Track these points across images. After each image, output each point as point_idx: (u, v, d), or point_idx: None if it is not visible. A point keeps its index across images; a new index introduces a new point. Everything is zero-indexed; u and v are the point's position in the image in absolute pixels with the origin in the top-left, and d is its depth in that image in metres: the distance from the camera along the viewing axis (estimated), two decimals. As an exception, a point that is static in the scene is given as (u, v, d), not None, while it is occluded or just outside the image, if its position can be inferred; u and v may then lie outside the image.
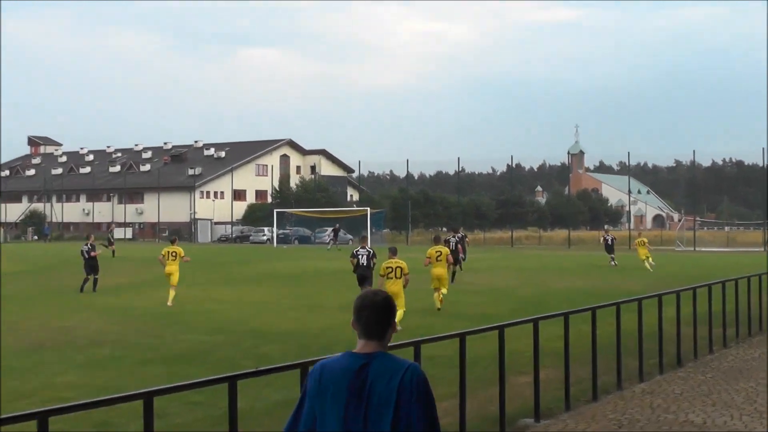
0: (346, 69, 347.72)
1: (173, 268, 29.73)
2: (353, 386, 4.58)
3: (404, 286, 22.80)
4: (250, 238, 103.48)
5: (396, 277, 22.60)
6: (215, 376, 8.31)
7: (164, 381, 14.40)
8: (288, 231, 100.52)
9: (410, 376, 4.58)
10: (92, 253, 34.58)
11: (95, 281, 34.34)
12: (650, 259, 47.61)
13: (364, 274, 25.80)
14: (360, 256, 26.16)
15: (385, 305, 4.71)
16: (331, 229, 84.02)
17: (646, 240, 50.86)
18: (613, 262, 50.95)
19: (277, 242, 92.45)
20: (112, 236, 65.36)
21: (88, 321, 24.17)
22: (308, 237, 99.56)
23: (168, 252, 30.25)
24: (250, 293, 32.49)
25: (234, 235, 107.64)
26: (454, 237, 39.82)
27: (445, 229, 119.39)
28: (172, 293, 28.93)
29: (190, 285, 35.63)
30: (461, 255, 40.59)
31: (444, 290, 27.30)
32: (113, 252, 59.06)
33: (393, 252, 23.71)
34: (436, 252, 27.60)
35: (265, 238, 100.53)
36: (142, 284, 36.77)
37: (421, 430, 4.51)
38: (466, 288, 33.51)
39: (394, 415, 4.53)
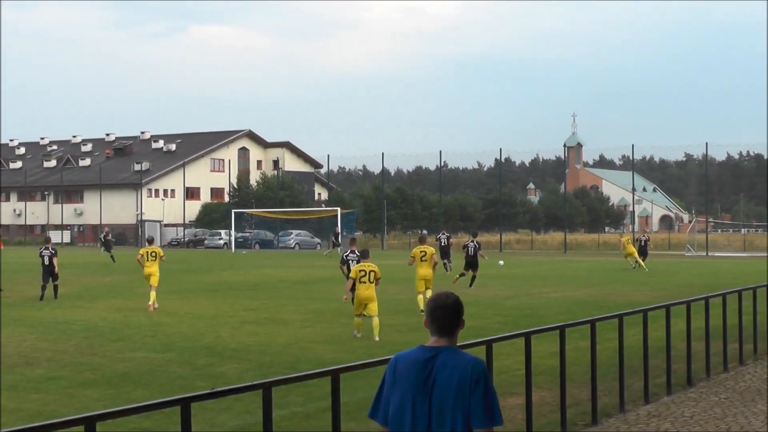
0: (312, 49, 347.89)
1: (153, 269, 31.81)
2: (421, 376, 5.77)
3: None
4: (205, 242, 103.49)
5: (369, 281, 23.23)
6: (166, 399, 8.30)
7: (107, 405, 14.37)
8: (248, 234, 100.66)
9: (472, 368, 5.70)
10: (54, 259, 35.46)
11: (56, 288, 35.37)
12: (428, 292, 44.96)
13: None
14: (351, 261, 26.39)
15: (456, 306, 5.97)
16: (332, 234, 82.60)
17: (430, 250, 49.10)
18: (639, 265, 53.82)
19: (236, 247, 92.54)
20: (111, 240, 68.15)
21: (18, 337, 24.03)
22: (270, 241, 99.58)
23: (147, 252, 32.38)
24: (204, 305, 32.41)
25: (187, 239, 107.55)
26: (472, 242, 41.67)
27: (425, 231, 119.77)
28: (153, 295, 30.80)
29: (136, 296, 35.55)
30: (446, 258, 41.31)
31: (430, 292, 28.01)
32: (112, 257, 61.69)
33: (365, 255, 24.34)
34: (421, 252, 29.45)
35: (221, 242, 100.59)
36: (82, 295, 36.62)
37: (477, 417, 5.62)
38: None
39: (456, 404, 5.65)
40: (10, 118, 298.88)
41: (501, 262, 56.13)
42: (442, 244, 49.58)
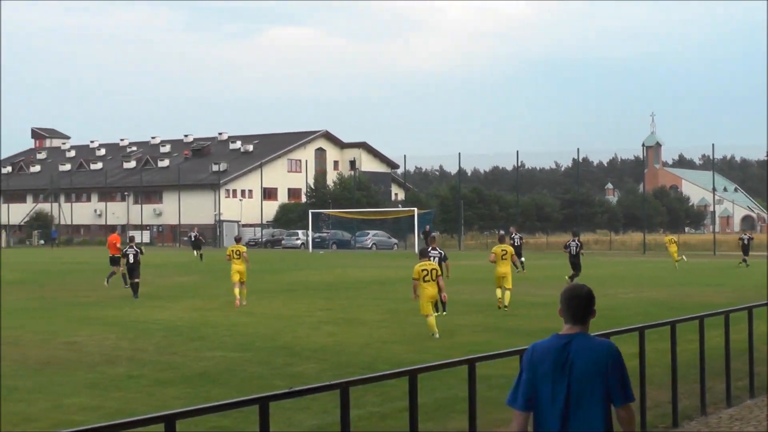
0: (389, 49, 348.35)
1: (241, 266, 33.44)
2: (559, 360, 6.29)
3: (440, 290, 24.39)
4: (282, 242, 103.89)
5: (432, 279, 23.71)
6: (244, 398, 8.34)
7: (186, 403, 14.48)
8: (325, 234, 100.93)
9: (608, 351, 6.30)
10: (138, 257, 36.89)
11: (135, 287, 36.30)
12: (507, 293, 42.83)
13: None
14: (432, 258, 26.38)
15: (589, 297, 6.47)
16: (422, 232, 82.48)
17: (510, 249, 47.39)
18: (745, 263, 56.02)
19: (313, 247, 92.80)
20: (201, 240, 72.01)
21: (99, 336, 24.31)
22: (347, 241, 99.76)
23: (233, 251, 34.30)
24: (281, 305, 32.57)
25: (264, 239, 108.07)
26: (574, 241, 43.97)
27: (502, 231, 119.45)
28: (244, 291, 32.88)
29: (214, 296, 35.84)
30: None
31: (509, 287, 30.39)
32: (201, 256, 65.46)
33: (425, 254, 25.05)
34: (502, 250, 31.26)
35: (299, 242, 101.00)
36: (161, 295, 36.97)
37: (617, 396, 6.26)
38: (525, 299, 33.39)
39: (595, 385, 6.22)
40: (91, 120, 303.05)
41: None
42: (515, 243, 50.45)
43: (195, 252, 72.00)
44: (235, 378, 17.65)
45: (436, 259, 26.88)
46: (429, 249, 27.22)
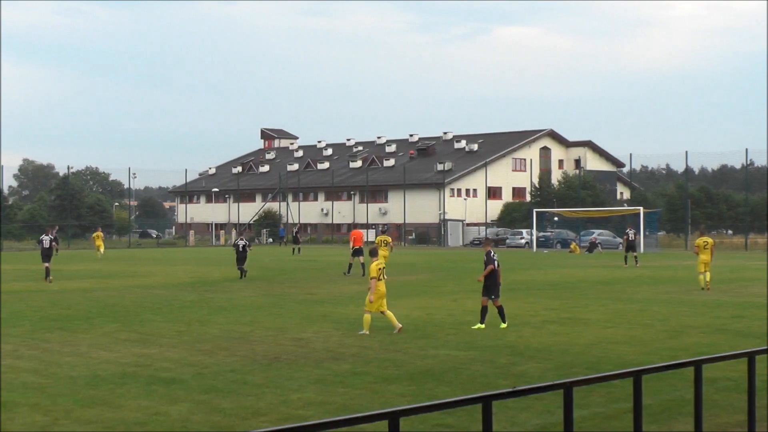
0: (615, 48, 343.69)
1: (386, 252, 41.25)
2: None
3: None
4: (507, 241, 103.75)
5: (384, 277, 24.88)
6: (467, 396, 8.36)
7: (410, 400, 14.66)
8: (549, 233, 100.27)
9: None
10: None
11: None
12: (707, 274, 38.59)
13: None
14: (494, 263, 26.25)
15: None
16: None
17: (710, 241, 39.79)
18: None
19: (537, 246, 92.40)
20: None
21: (325, 333, 24.79)
22: (572, 240, 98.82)
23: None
24: (506, 304, 32.47)
25: (489, 238, 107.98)
26: (631, 230, 58.34)
27: (730, 231, 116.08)
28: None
29: (440, 294, 36.08)
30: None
31: (708, 274, 37.96)
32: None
33: (376, 253, 25.98)
34: (704, 242, 38.81)
35: (523, 241, 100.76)
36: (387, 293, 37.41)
37: None
38: (753, 301, 32.46)
39: None
40: (319, 121, 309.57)
41: None
42: (630, 239, 57.57)
43: (294, 249, 76.23)
44: (459, 377, 17.72)
45: (493, 263, 26.23)
46: (490, 252, 26.53)
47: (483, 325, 25.24)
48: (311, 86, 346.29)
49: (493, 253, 26.59)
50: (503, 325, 25.42)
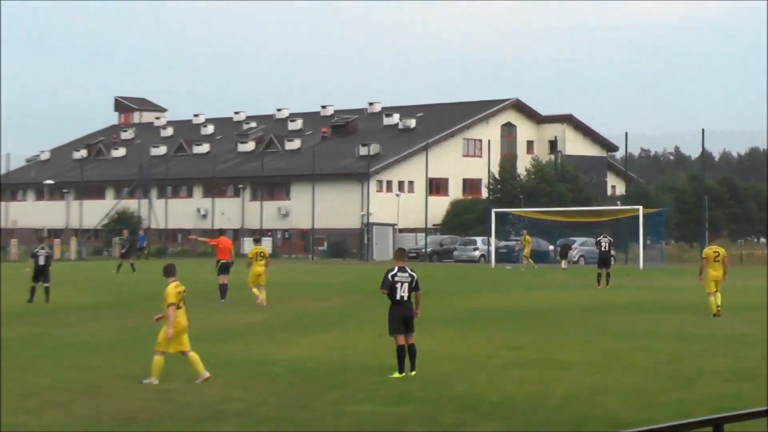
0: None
1: (261, 269, 44.81)
2: None
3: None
4: (455, 253, 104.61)
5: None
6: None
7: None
8: (513, 243, 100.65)
9: None
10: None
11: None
12: (718, 295, 38.45)
13: None
14: (401, 284, 25.32)
15: None
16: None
17: (722, 251, 39.80)
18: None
19: (497, 260, 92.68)
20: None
21: (199, 381, 24.59)
22: (545, 253, 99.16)
23: (256, 253, 45.68)
24: (453, 341, 32.52)
25: (429, 250, 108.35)
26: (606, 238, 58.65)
27: (763, 240, 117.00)
28: (263, 293, 44.93)
29: (361, 326, 36.07)
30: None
31: (719, 296, 36.67)
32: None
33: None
34: (714, 252, 37.43)
35: (477, 253, 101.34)
36: (288, 325, 37.29)
37: None
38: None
39: None
40: (194, 87, 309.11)
41: None
42: (603, 248, 59.34)
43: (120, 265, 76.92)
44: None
45: (406, 284, 25.30)
46: (396, 269, 25.62)
47: (402, 375, 24.75)
48: (184, 42, 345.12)
49: (395, 271, 25.50)
50: (412, 373, 24.91)
